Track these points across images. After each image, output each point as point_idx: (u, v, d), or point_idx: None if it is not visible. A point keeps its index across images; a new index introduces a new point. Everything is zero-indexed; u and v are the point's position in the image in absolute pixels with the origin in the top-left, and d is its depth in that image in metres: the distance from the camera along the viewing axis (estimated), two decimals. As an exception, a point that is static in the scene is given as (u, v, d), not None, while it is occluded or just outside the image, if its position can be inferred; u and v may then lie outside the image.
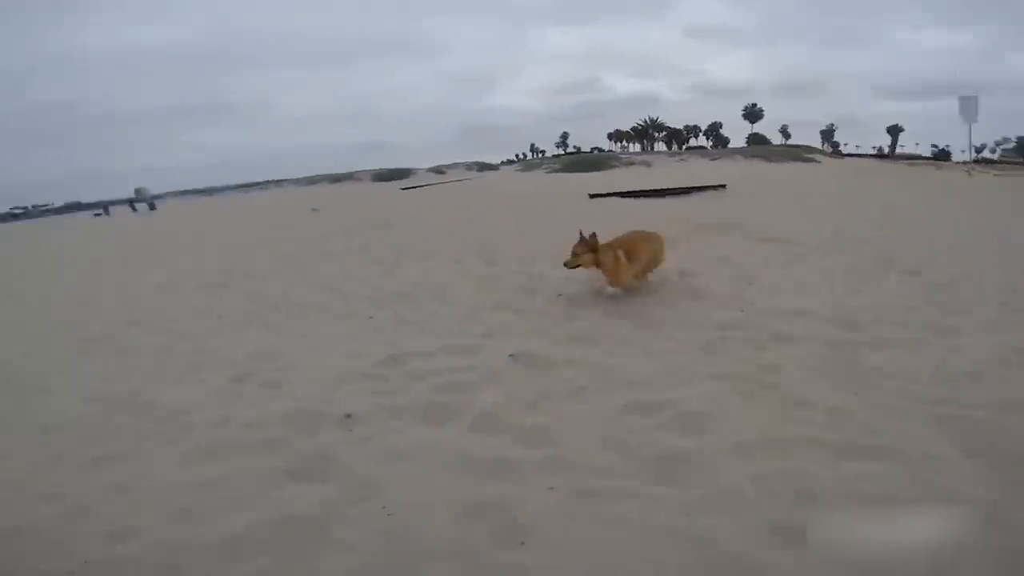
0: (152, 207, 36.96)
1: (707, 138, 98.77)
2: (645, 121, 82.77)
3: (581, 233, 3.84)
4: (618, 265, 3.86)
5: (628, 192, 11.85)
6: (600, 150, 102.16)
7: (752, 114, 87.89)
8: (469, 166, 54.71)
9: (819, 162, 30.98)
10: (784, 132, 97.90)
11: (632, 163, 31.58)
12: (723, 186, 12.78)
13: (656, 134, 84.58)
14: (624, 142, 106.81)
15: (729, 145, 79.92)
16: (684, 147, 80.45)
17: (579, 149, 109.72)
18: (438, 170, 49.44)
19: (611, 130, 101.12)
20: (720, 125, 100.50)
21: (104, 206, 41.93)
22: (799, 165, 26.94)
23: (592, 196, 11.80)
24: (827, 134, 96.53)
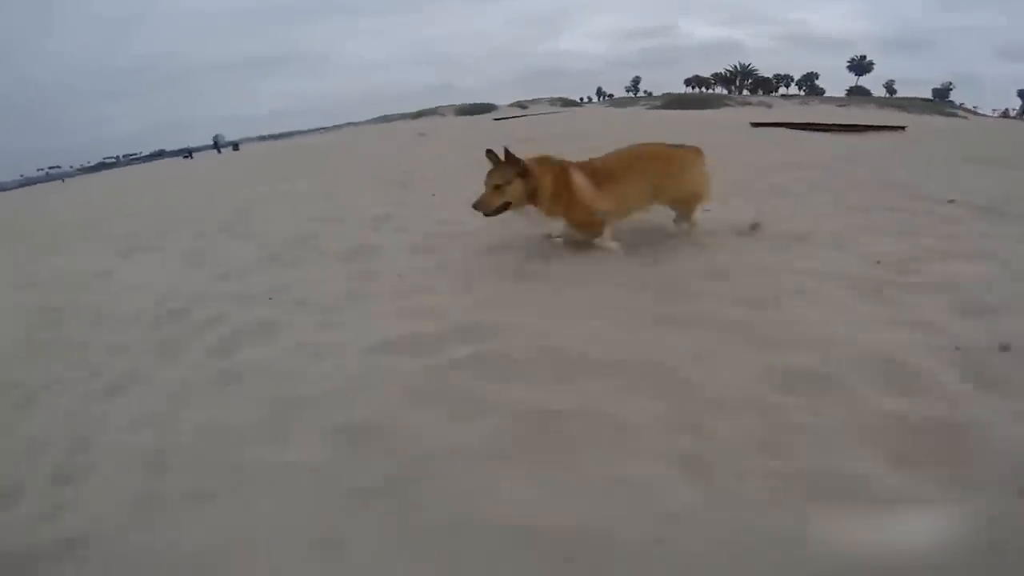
0: (236, 148, 37.46)
1: (799, 88, 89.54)
2: (734, 68, 75.25)
3: (492, 153, 2.34)
4: (566, 195, 2.34)
5: (796, 123, 10.09)
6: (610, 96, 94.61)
7: (860, 66, 78.00)
8: (552, 102, 51.97)
9: (965, 118, 26.66)
10: (889, 88, 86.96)
11: (748, 103, 28.43)
12: (903, 127, 10.80)
13: (743, 81, 77.14)
14: (703, 88, 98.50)
15: (825, 95, 71.76)
16: (771, 96, 73.21)
17: (650, 92, 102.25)
18: (520, 105, 47.36)
19: (689, 76, 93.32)
20: (816, 75, 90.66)
21: (189, 151, 42.97)
22: (944, 119, 23.17)
23: (755, 125, 10.16)
24: (941, 93, 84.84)
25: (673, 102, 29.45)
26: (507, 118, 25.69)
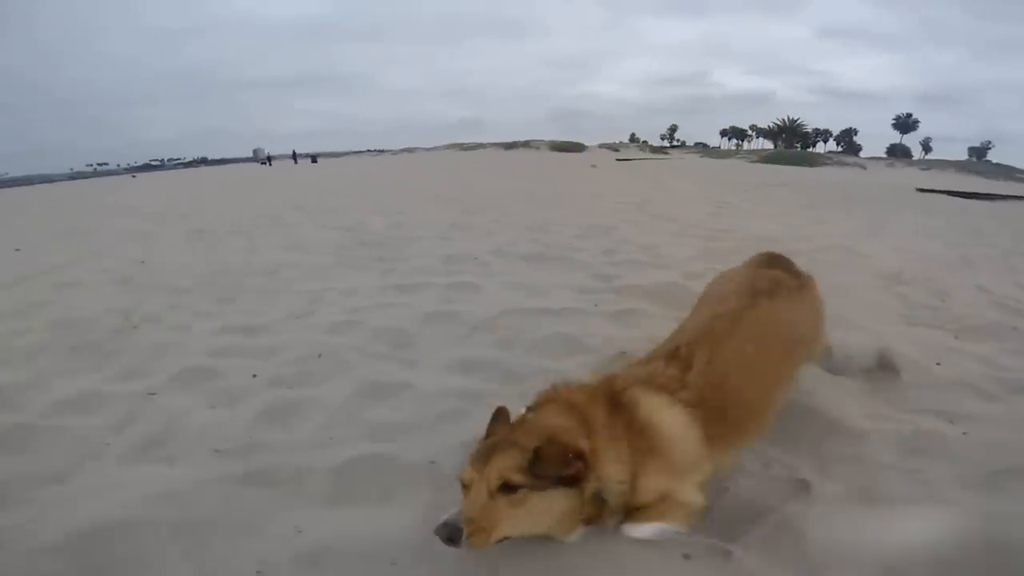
0: (314, 160, 40.51)
1: (837, 144, 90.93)
2: (783, 121, 77.07)
3: (503, 414, 1.25)
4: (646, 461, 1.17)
5: (961, 192, 11.05)
6: (704, 145, 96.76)
7: (904, 124, 79.15)
8: (643, 147, 54.33)
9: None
10: (925, 146, 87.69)
11: (845, 163, 29.44)
12: None
13: (790, 136, 78.84)
14: (739, 140, 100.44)
15: (861, 154, 72.83)
16: (809, 150, 74.62)
17: (683, 142, 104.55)
18: (612, 147, 49.60)
19: (724, 126, 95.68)
20: (855, 131, 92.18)
21: (268, 157, 46.81)
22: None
23: (920, 191, 11.12)
24: (979, 152, 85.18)
25: (774, 157, 30.50)
26: (629, 160, 27.33)
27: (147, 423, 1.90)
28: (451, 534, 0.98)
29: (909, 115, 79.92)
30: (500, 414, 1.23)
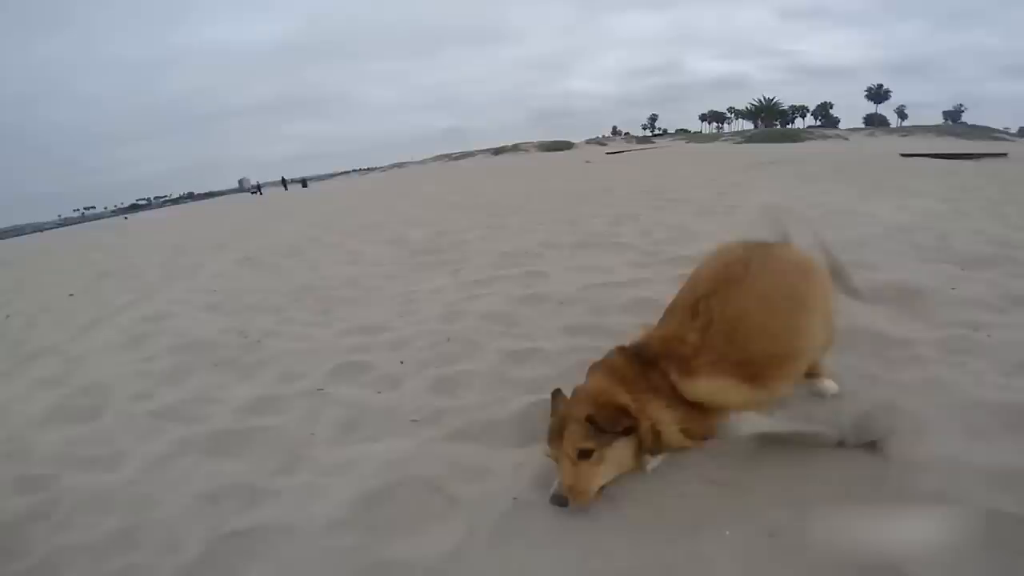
0: (304, 184, 40.53)
1: (815, 118, 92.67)
2: (759, 102, 78.44)
3: (559, 396, 1.53)
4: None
5: (945, 154, 11.68)
6: (686, 131, 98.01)
7: (877, 95, 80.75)
8: (628, 139, 55.51)
9: (1012, 141, 28.23)
10: (900, 113, 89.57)
11: (827, 136, 30.34)
12: (1004, 154, 12.65)
13: (768, 115, 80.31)
14: (719, 124, 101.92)
15: (840, 126, 74.46)
16: (788, 127, 76.11)
17: (665, 130, 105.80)
18: (599, 141, 50.70)
19: (703, 111, 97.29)
20: (831, 105, 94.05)
21: (257, 186, 46.97)
22: (1000, 143, 24.72)
23: (905, 155, 11.73)
24: (953, 115, 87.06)
25: (757, 136, 31.29)
26: (619, 152, 27.94)
27: (333, 412, 2.11)
28: (560, 501, 1.29)
29: (880, 86, 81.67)
30: (557, 395, 1.52)
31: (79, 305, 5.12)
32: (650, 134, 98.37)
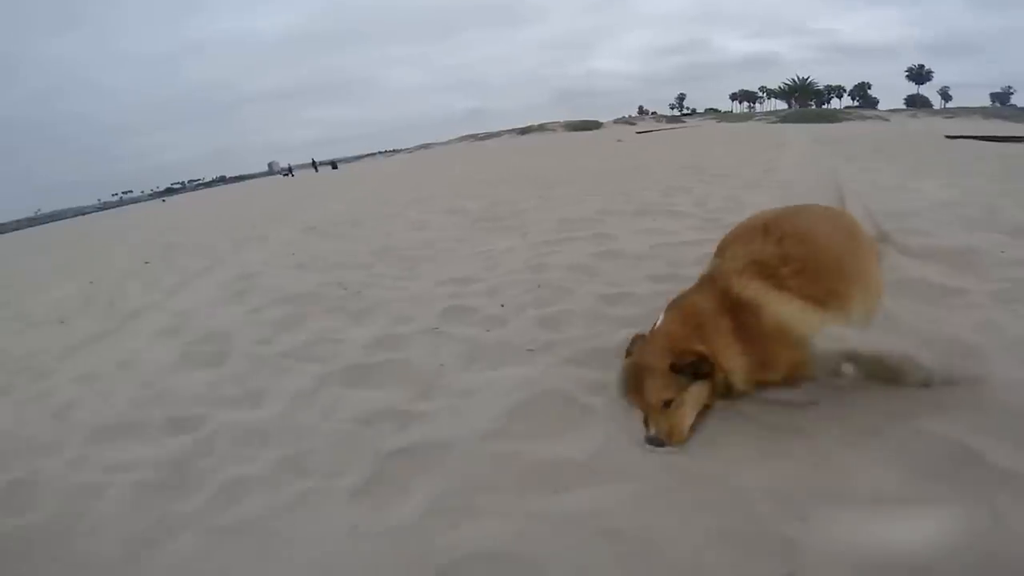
0: (335, 167, 41.32)
1: (852, 99, 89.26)
2: (793, 81, 75.81)
3: (640, 342, 1.62)
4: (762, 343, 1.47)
5: (993, 136, 11.43)
6: (716, 110, 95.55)
7: (919, 75, 77.19)
8: (657, 119, 54.80)
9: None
10: (944, 95, 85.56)
11: (865, 117, 29.50)
12: None
13: (803, 95, 77.65)
14: (751, 104, 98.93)
15: (879, 107, 71.62)
16: (824, 107, 73.62)
17: (694, 110, 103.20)
18: (627, 121, 50.25)
19: (734, 90, 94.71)
20: (869, 85, 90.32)
21: (289, 168, 48.18)
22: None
23: (950, 137, 11.53)
24: (1001, 97, 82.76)
25: (792, 116, 30.56)
26: (648, 131, 27.72)
27: (454, 347, 2.30)
28: (657, 442, 1.43)
29: (922, 66, 78.01)
30: (636, 340, 1.64)
31: (158, 271, 5.46)
32: (678, 113, 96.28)
